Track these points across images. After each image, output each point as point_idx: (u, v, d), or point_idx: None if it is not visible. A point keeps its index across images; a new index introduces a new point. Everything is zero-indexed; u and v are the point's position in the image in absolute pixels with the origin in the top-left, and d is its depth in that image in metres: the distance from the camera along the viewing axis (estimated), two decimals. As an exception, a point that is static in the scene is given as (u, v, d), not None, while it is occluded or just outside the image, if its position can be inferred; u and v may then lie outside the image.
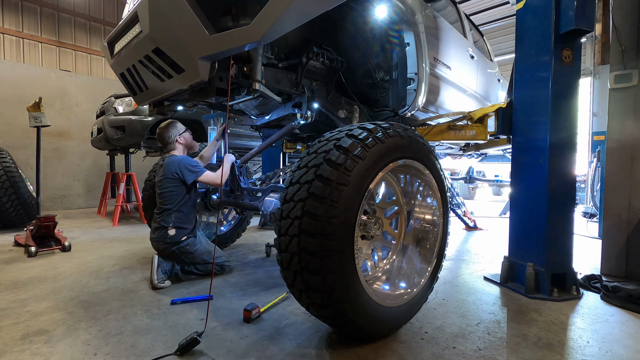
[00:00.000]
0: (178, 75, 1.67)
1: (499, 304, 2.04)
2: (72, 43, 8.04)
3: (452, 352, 1.48)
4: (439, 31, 2.69)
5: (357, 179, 1.35)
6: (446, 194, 1.84)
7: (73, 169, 6.59)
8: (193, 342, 1.43)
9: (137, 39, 1.73)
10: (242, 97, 1.88)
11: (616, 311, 1.95)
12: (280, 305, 1.94)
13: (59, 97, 6.45)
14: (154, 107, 2.25)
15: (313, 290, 1.33)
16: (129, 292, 2.15)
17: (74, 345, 1.51)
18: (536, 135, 2.22)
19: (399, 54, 2.33)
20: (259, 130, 3.11)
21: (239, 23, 1.57)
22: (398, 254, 1.87)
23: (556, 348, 1.53)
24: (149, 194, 2.89)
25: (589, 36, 8.01)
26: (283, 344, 1.53)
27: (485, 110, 2.56)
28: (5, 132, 5.86)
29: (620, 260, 2.53)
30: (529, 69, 2.29)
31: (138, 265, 2.75)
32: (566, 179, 2.22)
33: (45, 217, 3.29)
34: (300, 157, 1.46)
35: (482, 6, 9.16)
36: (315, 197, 1.29)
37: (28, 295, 2.09)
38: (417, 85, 2.39)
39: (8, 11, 7.21)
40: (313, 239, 1.28)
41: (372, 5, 2.11)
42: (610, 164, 2.64)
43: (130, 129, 4.40)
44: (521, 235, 2.34)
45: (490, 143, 3.34)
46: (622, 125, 2.57)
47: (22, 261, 2.86)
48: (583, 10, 2.05)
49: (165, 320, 1.75)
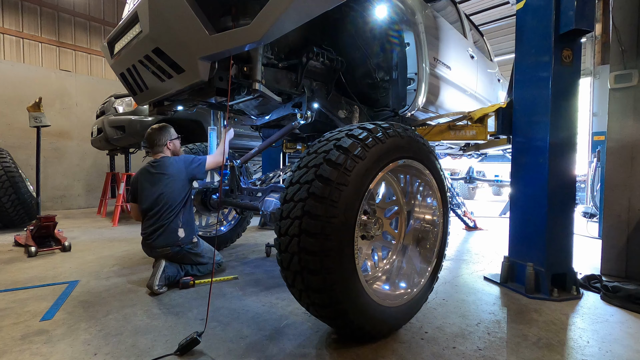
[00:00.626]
0: (178, 75, 1.67)
1: (499, 304, 2.04)
2: (72, 43, 8.04)
3: (452, 352, 1.48)
4: (439, 31, 2.69)
5: (357, 179, 1.34)
6: (446, 194, 1.84)
7: (73, 169, 6.59)
8: (193, 342, 1.43)
9: (137, 39, 1.73)
10: (242, 97, 1.88)
11: (616, 311, 1.95)
12: (280, 305, 1.94)
13: (59, 97, 6.45)
14: (154, 107, 2.25)
15: (313, 291, 1.33)
16: (129, 292, 2.15)
17: (74, 345, 1.51)
18: (536, 135, 2.22)
19: (399, 54, 2.33)
20: (259, 130, 3.11)
21: (239, 23, 1.57)
22: (398, 254, 1.87)
23: (556, 348, 1.53)
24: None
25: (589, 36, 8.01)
26: (283, 344, 1.53)
27: (485, 110, 2.56)
28: (6, 132, 5.86)
29: (620, 260, 2.53)
30: (529, 69, 2.29)
31: (138, 265, 2.75)
32: (566, 179, 2.22)
33: (45, 217, 3.29)
34: (300, 157, 1.46)
35: (482, 6, 9.17)
36: (315, 197, 1.29)
37: (28, 295, 2.09)
38: (417, 85, 2.39)
39: (8, 11, 7.21)
40: (313, 239, 1.28)
41: (372, 5, 2.11)
42: (610, 164, 2.64)
43: (130, 129, 4.41)
44: (521, 235, 2.34)
45: (490, 143, 3.34)
46: (622, 125, 2.57)
47: (22, 261, 2.86)
48: (583, 10, 2.05)
49: (165, 320, 1.75)
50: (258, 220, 4.70)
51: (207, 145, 2.88)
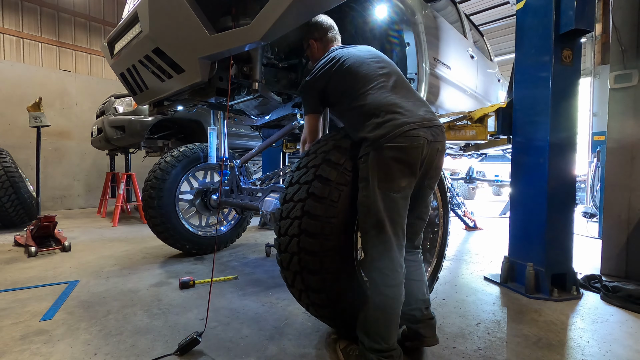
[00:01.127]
0: (178, 75, 1.67)
1: (499, 304, 2.04)
2: (72, 43, 8.04)
3: (452, 352, 1.48)
4: (439, 31, 2.69)
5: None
6: (446, 194, 1.84)
7: (73, 169, 6.59)
8: (193, 342, 1.43)
9: (137, 39, 1.73)
10: (242, 97, 1.88)
11: (616, 311, 1.95)
12: (280, 305, 1.94)
13: (59, 97, 6.45)
14: (154, 107, 2.25)
15: (313, 291, 1.33)
16: (129, 292, 2.15)
17: (74, 345, 1.51)
18: (536, 135, 2.22)
19: (399, 54, 2.33)
20: (259, 130, 3.11)
21: (239, 23, 1.57)
22: (398, 254, 1.86)
23: (556, 348, 1.53)
24: (149, 194, 2.88)
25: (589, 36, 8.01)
26: (283, 344, 1.53)
27: (485, 110, 2.56)
28: (6, 132, 5.86)
29: (620, 260, 2.53)
30: (529, 69, 2.29)
31: (138, 265, 2.75)
32: (566, 179, 2.22)
33: (45, 217, 3.29)
34: (300, 157, 1.46)
35: (482, 6, 9.16)
36: (314, 197, 1.29)
37: (28, 295, 2.09)
38: (417, 85, 2.39)
39: (8, 11, 7.21)
40: (313, 239, 1.28)
41: (372, 5, 2.11)
42: (610, 164, 2.63)
43: (130, 129, 4.40)
44: (521, 235, 2.34)
45: (490, 143, 3.34)
46: (622, 125, 2.57)
47: (22, 261, 2.86)
48: (583, 10, 2.05)
49: (165, 320, 1.75)
50: (258, 220, 4.70)
51: (207, 145, 2.88)
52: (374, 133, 1.24)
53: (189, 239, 2.92)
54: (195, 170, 2.99)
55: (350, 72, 1.39)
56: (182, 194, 2.92)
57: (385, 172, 1.22)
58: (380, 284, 1.23)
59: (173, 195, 2.82)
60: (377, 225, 1.23)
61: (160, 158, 2.93)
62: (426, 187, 1.36)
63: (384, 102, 1.29)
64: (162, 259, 2.91)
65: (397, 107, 1.28)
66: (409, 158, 1.23)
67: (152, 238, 3.68)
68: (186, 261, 2.86)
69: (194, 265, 2.74)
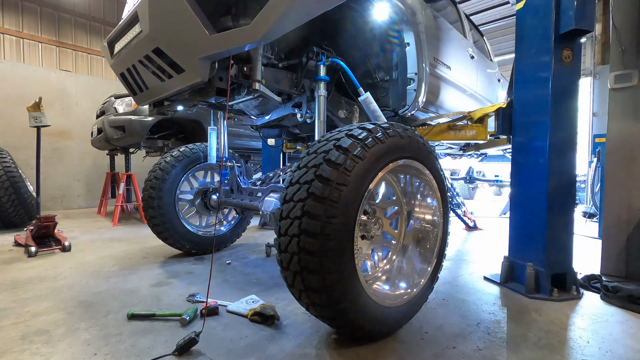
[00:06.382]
0: (178, 75, 1.67)
1: (499, 304, 2.04)
2: (72, 43, 8.05)
3: (452, 352, 1.48)
4: (439, 31, 2.69)
5: (357, 179, 1.34)
6: (446, 194, 1.84)
7: (73, 169, 6.59)
8: (191, 342, 1.43)
9: (137, 39, 1.73)
10: (242, 97, 1.89)
11: (616, 311, 1.95)
12: (280, 305, 1.94)
13: (59, 97, 6.45)
14: (154, 107, 2.25)
15: (313, 291, 1.33)
16: (129, 292, 2.15)
17: (74, 345, 1.51)
18: (536, 135, 2.22)
19: (399, 54, 2.33)
20: (259, 130, 3.11)
21: (239, 23, 1.57)
22: (398, 254, 1.87)
23: (556, 348, 1.53)
24: (149, 194, 2.88)
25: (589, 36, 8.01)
26: (283, 344, 1.53)
27: (485, 110, 2.56)
28: (5, 132, 5.86)
29: (620, 260, 2.53)
30: (529, 69, 2.28)
31: (138, 265, 2.75)
32: (566, 179, 2.22)
33: (45, 217, 3.29)
34: (300, 157, 1.46)
35: (482, 6, 9.17)
36: (315, 197, 1.29)
37: (28, 295, 2.09)
38: (417, 85, 2.39)
39: (8, 11, 7.21)
40: (313, 239, 1.28)
41: (372, 5, 2.12)
42: (610, 164, 2.63)
43: (130, 129, 4.41)
44: (521, 235, 2.34)
45: (490, 143, 3.34)
46: (622, 125, 2.57)
47: (22, 261, 2.86)
48: (583, 10, 2.05)
49: (165, 321, 1.75)
50: (258, 220, 4.70)
51: (207, 145, 2.88)
52: None
53: (189, 239, 2.92)
54: (195, 170, 2.99)
55: None
56: (182, 194, 2.92)
57: None
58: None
59: (173, 195, 2.82)
60: None
61: (160, 158, 2.93)
62: None
63: None
64: (162, 259, 2.91)
65: None
66: None
67: (152, 238, 3.68)
68: (186, 261, 2.86)
69: (194, 265, 2.74)
